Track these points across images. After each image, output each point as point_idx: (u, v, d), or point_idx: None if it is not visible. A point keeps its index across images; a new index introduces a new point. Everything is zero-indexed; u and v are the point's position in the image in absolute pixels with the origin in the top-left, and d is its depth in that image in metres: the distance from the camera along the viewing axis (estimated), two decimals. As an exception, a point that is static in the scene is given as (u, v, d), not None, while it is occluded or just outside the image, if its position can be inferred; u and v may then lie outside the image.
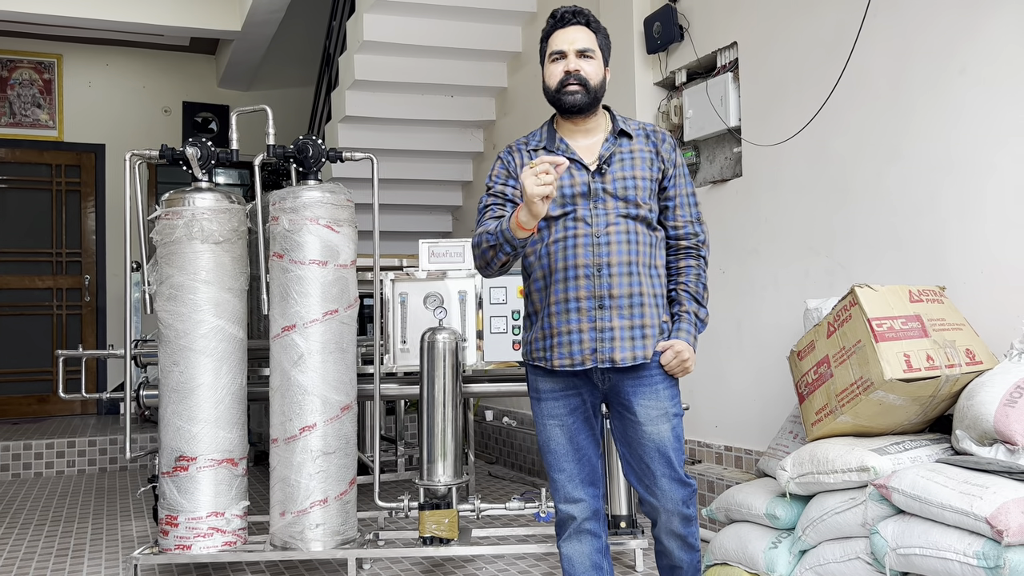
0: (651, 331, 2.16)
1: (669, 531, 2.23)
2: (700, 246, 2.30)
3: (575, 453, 2.22)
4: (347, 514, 3.28)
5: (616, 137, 2.25)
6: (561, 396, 2.22)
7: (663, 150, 2.26)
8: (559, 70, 2.20)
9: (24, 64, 7.53)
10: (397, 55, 5.49)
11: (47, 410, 7.39)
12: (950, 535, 2.21)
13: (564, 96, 2.19)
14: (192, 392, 3.22)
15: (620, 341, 2.14)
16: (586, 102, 2.19)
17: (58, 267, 7.54)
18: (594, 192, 2.18)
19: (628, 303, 2.15)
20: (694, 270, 2.27)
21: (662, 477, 2.18)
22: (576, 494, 2.22)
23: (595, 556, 2.24)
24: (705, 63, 3.96)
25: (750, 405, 3.64)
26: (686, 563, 2.28)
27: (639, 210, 2.19)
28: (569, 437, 2.22)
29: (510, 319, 3.54)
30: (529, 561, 3.47)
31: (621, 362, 2.14)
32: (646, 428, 2.17)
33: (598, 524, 2.25)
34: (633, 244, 2.18)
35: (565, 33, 2.21)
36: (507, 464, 5.68)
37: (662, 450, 2.17)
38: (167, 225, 3.28)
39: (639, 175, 2.21)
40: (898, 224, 3.02)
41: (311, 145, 3.39)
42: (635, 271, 2.17)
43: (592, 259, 2.16)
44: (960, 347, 2.56)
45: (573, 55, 2.19)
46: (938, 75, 2.88)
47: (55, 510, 4.68)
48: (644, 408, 2.17)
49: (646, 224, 2.21)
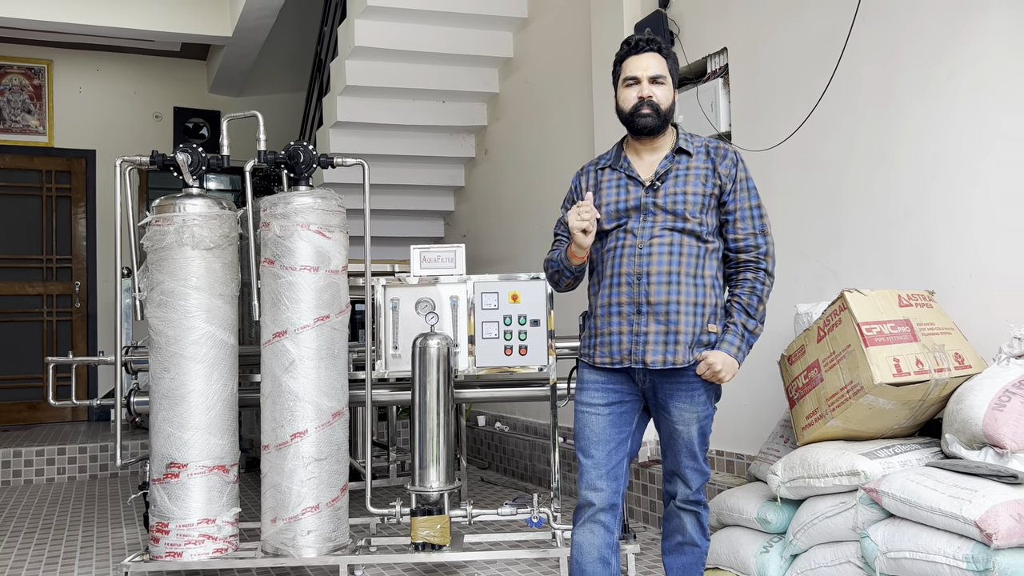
0: (684, 338, 2.31)
1: (683, 509, 2.42)
2: (761, 258, 2.39)
3: (605, 444, 2.36)
4: (339, 520, 3.27)
5: (675, 155, 2.40)
6: (601, 388, 2.39)
7: (721, 166, 2.39)
8: (633, 95, 2.37)
9: (14, 70, 7.51)
10: (389, 60, 5.50)
11: (37, 417, 7.35)
12: (940, 539, 2.22)
13: (637, 119, 2.37)
14: (183, 399, 3.21)
15: (653, 345, 2.31)
16: (656, 124, 2.37)
17: (48, 273, 7.51)
18: (644, 206, 2.36)
19: (664, 310, 2.31)
20: (749, 283, 2.37)
21: (686, 468, 2.39)
22: (598, 483, 2.35)
23: (604, 550, 2.34)
24: (695, 69, 3.97)
25: (741, 410, 3.65)
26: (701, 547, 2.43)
27: (687, 223, 2.33)
28: (602, 427, 2.37)
29: (502, 324, 3.55)
30: (521, 567, 3.47)
31: (652, 364, 2.31)
32: (679, 427, 2.36)
33: (612, 519, 2.36)
34: (676, 255, 2.33)
35: (639, 60, 2.38)
36: (499, 470, 5.67)
37: (690, 447, 2.37)
38: (158, 231, 3.27)
39: (691, 190, 2.35)
40: (887, 229, 3.04)
41: (302, 151, 3.39)
42: (675, 280, 2.32)
43: (634, 268, 2.34)
44: (949, 351, 2.58)
45: (646, 81, 2.36)
46: (926, 81, 2.90)
47: (45, 517, 4.66)
48: (679, 410, 2.35)
49: (695, 236, 2.35)
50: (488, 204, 6.13)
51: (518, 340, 3.55)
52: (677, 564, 2.45)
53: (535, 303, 3.51)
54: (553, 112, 5.18)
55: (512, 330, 3.56)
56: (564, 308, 4.37)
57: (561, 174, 5.05)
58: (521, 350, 3.55)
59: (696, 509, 2.42)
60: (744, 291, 2.37)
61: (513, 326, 3.55)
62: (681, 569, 2.44)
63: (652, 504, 4.02)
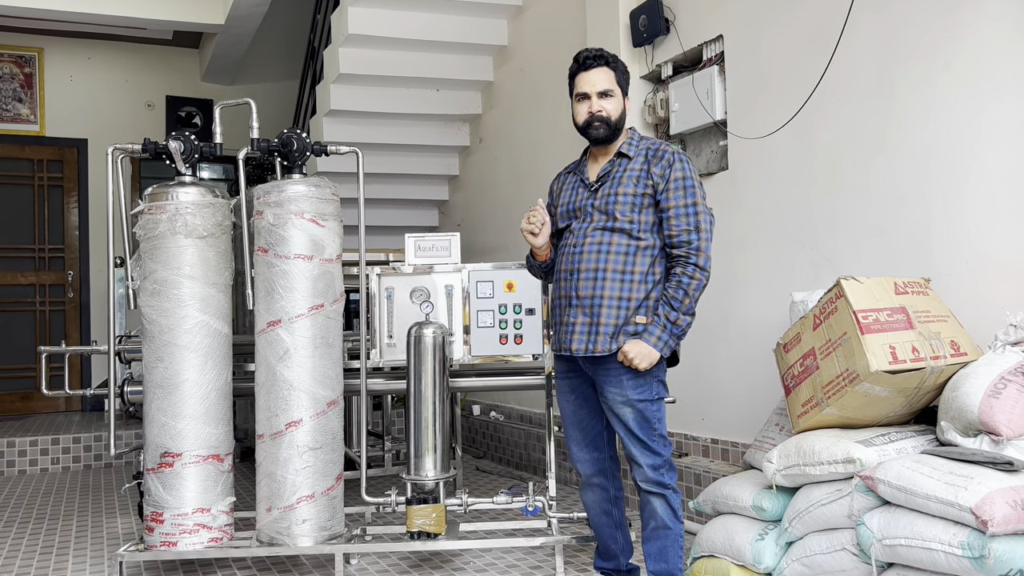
0: (604, 329, 2.52)
1: (649, 492, 2.56)
2: (692, 253, 2.53)
3: (578, 423, 2.70)
4: (334, 509, 3.27)
5: (616, 158, 2.62)
6: (565, 377, 2.72)
7: (655, 168, 2.55)
8: (584, 110, 2.61)
9: (4, 58, 7.45)
10: (382, 48, 5.47)
11: (31, 407, 7.33)
12: (935, 526, 2.22)
13: (590, 132, 2.63)
14: (177, 388, 3.20)
15: (578, 335, 2.56)
16: (607, 134, 2.62)
17: (40, 263, 7.47)
18: (584, 208, 2.62)
19: (589, 303, 2.54)
20: (676, 277, 2.53)
21: (631, 447, 2.57)
22: (581, 455, 2.72)
23: (604, 504, 2.74)
24: (691, 56, 3.96)
25: (736, 398, 3.65)
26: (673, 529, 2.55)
27: (617, 222, 2.54)
28: (573, 411, 2.71)
29: (497, 313, 3.54)
30: (517, 555, 3.47)
31: (576, 352, 2.57)
32: (614, 410, 2.57)
33: (605, 480, 2.72)
34: (604, 253, 2.54)
35: (588, 76, 2.60)
36: (495, 459, 5.67)
37: (628, 427, 2.54)
38: (150, 220, 3.25)
39: (622, 191, 2.56)
40: (883, 216, 3.03)
41: (296, 139, 3.37)
42: (600, 276, 2.53)
43: (569, 265, 2.60)
44: (945, 339, 2.58)
45: (595, 97, 2.59)
46: (922, 68, 2.89)
47: (39, 507, 4.64)
48: (611, 395, 2.56)
49: (626, 234, 2.54)
50: (483, 193, 6.11)
51: (513, 329, 3.55)
52: (655, 549, 2.57)
53: (530, 292, 3.50)
54: (547, 100, 5.15)
55: (507, 319, 3.55)
56: (559, 297, 4.36)
57: (556, 163, 5.02)
58: (516, 339, 3.54)
59: (662, 491, 2.55)
60: (672, 285, 2.53)
61: (508, 315, 3.54)
62: (658, 553, 2.56)
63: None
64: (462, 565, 3.36)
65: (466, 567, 3.33)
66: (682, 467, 3.72)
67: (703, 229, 2.53)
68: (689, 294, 2.50)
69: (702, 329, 3.80)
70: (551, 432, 3.51)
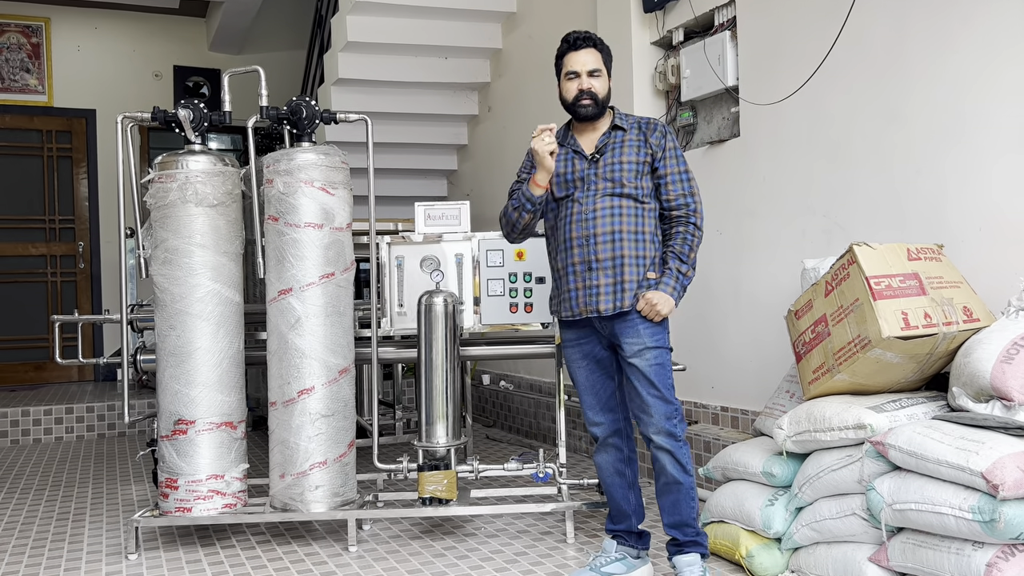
0: (629, 286, 2.66)
1: (660, 447, 2.64)
2: (691, 214, 2.73)
3: (592, 387, 2.79)
4: (346, 476, 3.30)
5: (611, 131, 2.76)
6: (576, 344, 2.79)
7: (652, 137, 2.74)
8: (574, 87, 2.73)
9: (11, 28, 7.42)
10: (390, 16, 5.42)
11: (44, 377, 7.40)
12: (946, 490, 2.23)
13: (579, 108, 2.74)
14: (189, 356, 3.22)
15: (604, 295, 2.66)
16: (596, 112, 2.74)
17: (51, 234, 7.49)
18: (587, 177, 2.72)
19: (611, 264, 2.67)
20: (681, 235, 2.72)
21: (647, 396, 2.64)
22: (597, 418, 2.81)
23: (618, 464, 2.82)
24: (703, 22, 3.91)
25: (747, 365, 3.65)
26: (683, 483, 2.64)
27: (624, 188, 2.69)
28: (586, 376, 2.79)
29: (507, 282, 3.54)
30: (527, 521, 3.50)
31: (604, 312, 2.66)
32: (631, 359, 2.66)
33: (620, 440, 2.81)
34: (617, 216, 2.68)
35: (577, 56, 2.73)
36: (505, 427, 5.71)
37: (646, 374, 2.64)
38: (161, 188, 3.25)
39: (626, 159, 2.71)
40: (896, 183, 3.01)
41: (304, 106, 3.35)
42: (618, 238, 2.67)
43: (583, 232, 2.69)
44: (958, 305, 2.57)
45: (585, 75, 2.72)
46: (938, 31, 2.85)
47: (55, 475, 4.70)
48: (629, 344, 2.66)
49: (633, 199, 2.69)
50: (491, 162, 6.09)
51: (523, 297, 3.55)
52: (668, 503, 2.68)
53: (540, 261, 3.49)
54: (557, 68, 5.11)
55: (517, 287, 3.55)
56: (569, 265, 4.35)
57: (565, 131, 5.00)
58: (526, 307, 3.55)
59: (670, 445, 2.63)
60: (677, 242, 2.71)
61: (518, 283, 3.55)
62: (671, 507, 2.67)
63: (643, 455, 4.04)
64: (473, 531, 3.39)
65: (477, 532, 3.37)
66: (692, 435, 3.74)
67: (696, 193, 2.76)
68: (693, 249, 2.71)
69: (713, 296, 3.80)
70: (560, 400, 3.53)
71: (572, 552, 3.11)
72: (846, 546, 2.57)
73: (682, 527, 2.66)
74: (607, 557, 2.76)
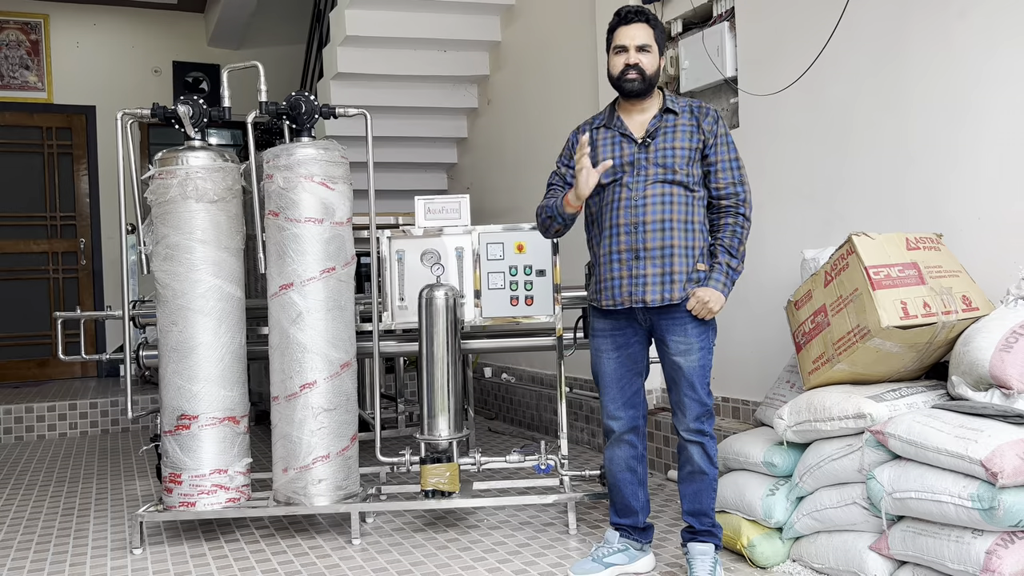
0: (679, 277, 2.59)
1: (690, 440, 2.65)
2: (740, 204, 2.66)
3: (618, 381, 2.73)
4: (349, 469, 3.31)
5: (663, 114, 2.66)
6: (608, 334, 2.72)
7: (704, 123, 2.65)
8: (621, 62, 2.64)
9: (10, 25, 7.42)
10: (388, 9, 5.41)
11: (47, 374, 7.42)
12: (945, 478, 2.24)
13: (624, 83, 2.64)
14: (192, 351, 3.23)
15: (652, 286, 2.60)
16: (643, 88, 2.64)
17: (52, 231, 7.50)
18: (637, 162, 2.63)
19: (660, 254, 2.59)
20: (730, 227, 2.65)
21: (684, 396, 2.63)
22: (617, 413, 2.75)
23: (630, 461, 2.78)
24: (701, 13, 3.91)
25: (747, 356, 3.66)
26: (708, 474, 2.65)
27: (676, 175, 2.61)
28: (614, 368, 2.73)
29: (507, 275, 3.54)
30: (530, 512, 3.51)
31: (651, 303, 2.60)
32: (676, 359, 2.63)
33: (636, 437, 2.77)
34: (667, 204, 2.60)
35: (628, 29, 2.64)
36: (506, 420, 5.72)
37: (687, 375, 2.62)
38: (161, 184, 3.25)
39: (679, 145, 2.62)
40: (895, 172, 3.01)
41: (304, 101, 3.36)
42: (668, 227, 2.59)
43: (631, 218, 2.61)
44: (957, 294, 2.57)
45: (633, 50, 2.62)
46: (936, 20, 2.85)
47: (59, 471, 4.72)
48: (675, 342, 2.62)
49: (684, 187, 2.61)
50: (491, 155, 6.09)
51: (524, 290, 3.55)
52: (690, 491, 2.69)
53: (541, 253, 3.50)
54: (556, 60, 5.11)
55: (518, 280, 3.55)
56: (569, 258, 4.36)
57: (565, 123, 4.99)
58: (527, 300, 3.55)
59: (700, 440, 2.64)
60: (726, 234, 2.64)
61: (519, 276, 3.55)
62: (693, 495, 2.68)
63: (657, 450, 4.06)
64: (476, 523, 3.41)
65: (480, 524, 3.38)
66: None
67: (746, 182, 2.67)
68: (743, 241, 2.65)
69: (713, 288, 3.79)
70: (562, 392, 3.54)
71: (574, 543, 3.12)
72: (847, 535, 2.58)
73: (700, 516, 2.68)
74: (609, 548, 2.78)
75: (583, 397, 4.76)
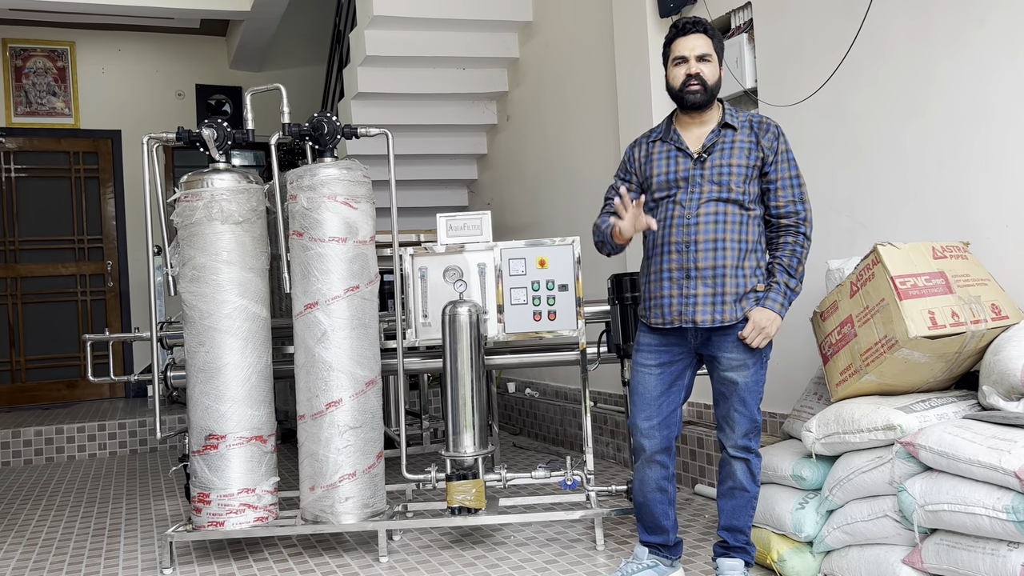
0: (730, 298, 2.56)
1: (734, 456, 2.64)
2: (800, 223, 2.62)
3: (655, 400, 2.68)
4: (376, 487, 3.32)
5: (721, 128, 2.62)
6: (654, 350, 2.68)
7: (764, 139, 2.61)
8: (682, 72, 2.60)
9: (38, 52, 7.56)
10: (407, 29, 5.47)
11: (76, 395, 7.50)
12: (979, 490, 2.21)
13: (686, 95, 2.60)
14: (219, 372, 3.26)
15: (702, 306, 2.56)
16: (704, 100, 2.60)
17: (80, 254, 7.61)
18: (692, 178, 2.60)
19: (712, 274, 2.56)
20: (790, 246, 2.61)
21: (734, 412, 2.61)
22: (651, 432, 2.68)
23: (662, 482, 2.72)
24: (719, 25, 3.91)
25: (773, 368, 3.61)
26: (750, 491, 2.64)
27: (731, 193, 2.57)
28: (654, 385, 2.68)
29: (530, 290, 3.55)
30: (556, 528, 3.50)
31: (702, 324, 2.57)
32: (728, 374, 2.60)
33: (667, 458, 2.72)
34: (721, 224, 2.56)
35: (687, 40, 2.60)
36: (531, 435, 5.71)
37: (740, 391, 2.60)
38: (187, 207, 3.30)
39: (735, 163, 2.58)
40: (919, 181, 2.99)
41: (326, 122, 3.39)
42: (720, 247, 2.56)
43: (683, 237, 2.58)
44: (985, 302, 2.54)
45: (694, 60, 2.59)
46: (958, 27, 2.84)
47: (89, 492, 4.77)
48: (728, 360, 2.60)
49: (739, 205, 2.58)
50: (511, 171, 6.11)
51: (547, 305, 3.55)
52: (728, 506, 2.67)
53: (563, 268, 3.51)
54: (574, 76, 5.13)
55: (540, 295, 3.55)
56: (592, 272, 4.36)
57: (584, 138, 5.02)
58: (550, 315, 3.55)
59: (745, 456, 2.63)
60: (785, 253, 2.60)
61: (541, 291, 3.55)
62: (731, 511, 2.67)
63: (684, 464, 4.03)
64: (503, 539, 3.40)
65: (507, 541, 3.37)
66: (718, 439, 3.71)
67: (807, 200, 2.63)
68: (802, 261, 2.61)
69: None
70: (587, 406, 3.53)
71: (602, 559, 3.11)
72: (879, 548, 2.55)
73: (735, 532, 2.66)
74: (639, 564, 2.76)
75: (608, 411, 4.74)
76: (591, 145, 4.96)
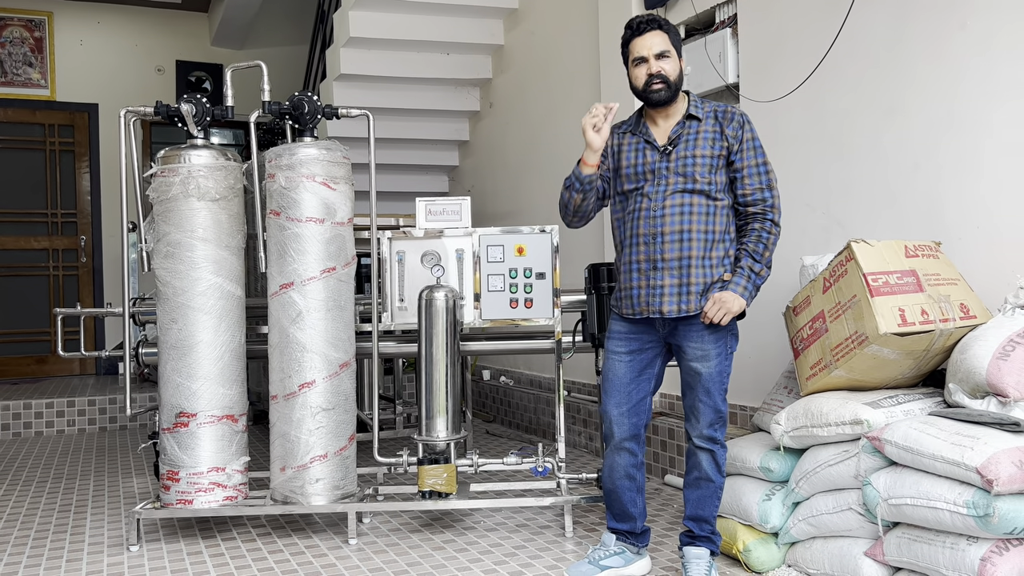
0: (695, 288, 2.57)
1: (699, 447, 2.65)
2: (768, 210, 2.61)
3: (625, 387, 2.70)
4: (347, 469, 3.32)
5: (686, 120, 2.63)
6: (625, 338, 2.70)
7: (728, 129, 2.61)
8: (643, 73, 2.61)
9: (15, 22, 7.43)
10: (392, 11, 5.44)
11: (46, 370, 7.42)
12: (941, 485, 2.25)
13: (651, 94, 2.60)
14: (191, 349, 3.24)
15: (668, 296, 2.59)
16: (669, 96, 2.61)
17: (54, 228, 7.52)
18: (659, 171, 2.61)
19: (677, 265, 2.58)
20: (756, 232, 2.60)
21: (699, 402, 2.63)
22: (619, 419, 2.71)
23: (630, 469, 2.75)
24: (704, 19, 3.93)
25: (745, 361, 3.66)
26: (715, 482, 2.65)
27: (697, 184, 2.58)
28: (624, 373, 2.70)
29: (507, 277, 3.55)
30: (526, 515, 3.52)
31: (668, 314, 2.59)
32: (694, 364, 2.62)
33: (636, 445, 2.74)
34: (687, 215, 2.58)
35: (643, 40, 2.61)
36: (504, 423, 5.73)
37: (704, 381, 2.61)
38: (163, 182, 3.26)
39: (700, 153, 2.59)
40: (895, 180, 3.03)
41: (307, 101, 3.37)
42: (687, 238, 2.57)
43: (650, 229, 2.60)
44: (954, 301, 2.58)
45: (653, 59, 2.59)
46: (937, 31, 2.87)
47: (56, 468, 4.73)
48: (693, 350, 2.61)
49: (705, 195, 2.59)
50: (493, 158, 6.10)
51: (523, 293, 3.56)
52: (694, 496, 2.69)
53: (541, 256, 3.51)
54: (559, 64, 5.12)
55: (518, 283, 3.56)
56: (570, 262, 4.37)
57: (567, 127, 5.02)
58: (526, 303, 3.56)
59: (711, 447, 2.63)
60: (751, 239, 2.60)
61: (519, 279, 3.56)
62: (697, 501, 2.68)
63: (654, 455, 4.06)
64: (473, 524, 3.41)
65: (477, 526, 3.39)
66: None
67: (774, 187, 2.63)
68: (768, 247, 2.60)
69: (712, 293, 3.80)
70: (560, 395, 3.54)
71: (571, 546, 3.13)
72: (842, 540, 2.59)
73: (701, 522, 2.68)
74: (606, 550, 2.78)
75: (581, 401, 4.76)
76: (574, 134, 4.95)
